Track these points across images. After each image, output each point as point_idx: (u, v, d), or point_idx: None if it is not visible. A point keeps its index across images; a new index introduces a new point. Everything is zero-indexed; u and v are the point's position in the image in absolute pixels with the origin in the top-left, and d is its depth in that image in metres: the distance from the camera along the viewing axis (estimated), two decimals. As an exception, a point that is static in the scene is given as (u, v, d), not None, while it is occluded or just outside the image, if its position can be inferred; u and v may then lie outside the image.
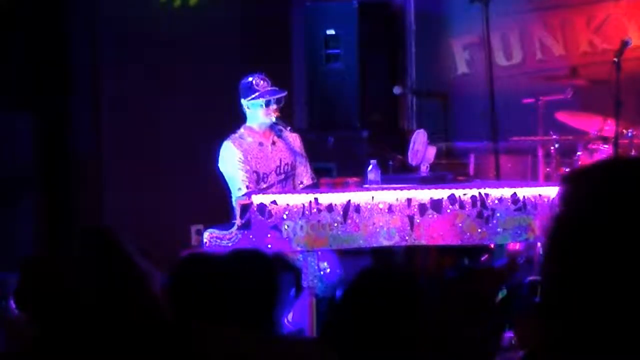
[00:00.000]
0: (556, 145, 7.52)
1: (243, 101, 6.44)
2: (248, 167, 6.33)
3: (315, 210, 5.65)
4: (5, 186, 7.70)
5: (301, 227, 5.63)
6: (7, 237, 7.61)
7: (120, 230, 2.76)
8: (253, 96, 6.37)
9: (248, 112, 6.45)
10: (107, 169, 8.09)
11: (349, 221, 5.67)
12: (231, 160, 6.32)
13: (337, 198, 5.69)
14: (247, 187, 6.26)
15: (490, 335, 2.80)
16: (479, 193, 5.83)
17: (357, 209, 5.69)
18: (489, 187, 5.95)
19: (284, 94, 6.45)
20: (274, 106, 6.39)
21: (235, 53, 8.22)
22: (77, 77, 8.11)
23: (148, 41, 8.07)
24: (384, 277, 2.93)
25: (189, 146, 7.89)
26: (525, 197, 5.86)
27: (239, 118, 6.54)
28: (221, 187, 6.47)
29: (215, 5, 8.32)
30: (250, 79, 6.40)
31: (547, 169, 7.61)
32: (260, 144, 6.44)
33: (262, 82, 6.38)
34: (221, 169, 6.39)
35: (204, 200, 7.65)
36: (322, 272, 5.98)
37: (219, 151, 6.38)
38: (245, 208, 6.06)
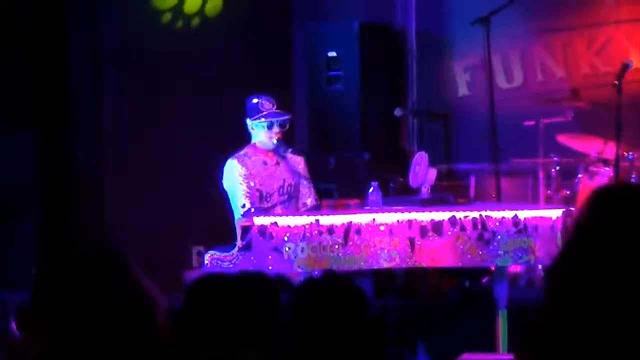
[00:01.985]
0: (557, 168, 7.53)
1: (248, 121, 6.48)
2: (252, 184, 6.36)
3: (316, 232, 5.65)
4: (5, 203, 7.69)
5: (302, 248, 5.62)
6: (7, 256, 7.61)
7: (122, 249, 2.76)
8: (257, 116, 6.42)
9: (252, 132, 6.49)
10: (108, 188, 8.10)
11: (350, 243, 5.67)
12: (234, 176, 6.36)
13: (338, 220, 5.69)
14: (251, 202, 6.29)
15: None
16: (480, 215, 5.83)
17: (358, 230, 5.68)
18: (490, 209, 5.94)
19: (288, 117, 6.49)
20: (276, 129, 6.42)
21: (237, 74, 8.23)
22: (77, 95, 8.13)
23: (149, 62, 8.10)
24: (322, 288, 2.92)
25: (190, 166, 7.90)
26: (526, 219, 5.86)
27: (241, 138, 6.56)
28: (222, 208, 6.48)
29: (216, 27, 8.34)
30: (256, 99, 6.46)
31: (548, 191, 7.61)
32: (264, 162, 6.47)
33: (267, 103, 6.43)
34: (225, 186, 6.43)
35: (205, 221, 7.65)
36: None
37: (223, 169, 6.42)
38: (246, 229, 6.07)
